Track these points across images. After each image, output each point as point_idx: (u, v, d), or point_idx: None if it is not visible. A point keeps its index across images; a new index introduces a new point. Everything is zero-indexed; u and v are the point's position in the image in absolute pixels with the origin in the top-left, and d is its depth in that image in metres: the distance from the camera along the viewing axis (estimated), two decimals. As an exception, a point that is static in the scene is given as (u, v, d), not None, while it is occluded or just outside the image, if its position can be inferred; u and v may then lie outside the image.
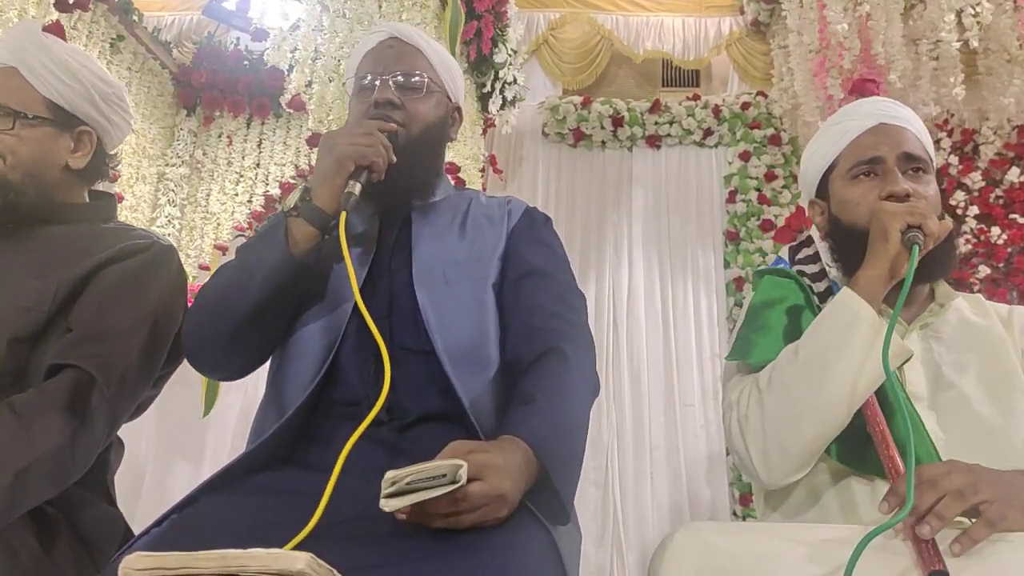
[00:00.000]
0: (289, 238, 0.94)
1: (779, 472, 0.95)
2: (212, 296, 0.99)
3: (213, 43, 4.24)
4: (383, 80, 1.07)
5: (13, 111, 1.12)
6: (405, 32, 1.13)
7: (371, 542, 0.72)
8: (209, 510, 0.81)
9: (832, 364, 0.92)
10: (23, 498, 0.92)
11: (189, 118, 4.23)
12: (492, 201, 1.17)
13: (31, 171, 1.13)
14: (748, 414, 0.97)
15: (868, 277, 0.97)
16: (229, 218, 4.11)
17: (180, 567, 0.61)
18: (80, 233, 1.15)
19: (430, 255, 1.04)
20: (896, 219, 0.95)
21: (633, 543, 3.68)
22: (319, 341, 0.96)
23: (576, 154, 4.42)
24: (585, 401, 0.94)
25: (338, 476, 0.81)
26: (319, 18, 2.97)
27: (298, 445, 0.94)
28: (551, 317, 0.98)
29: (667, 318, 4.07)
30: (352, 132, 0.98)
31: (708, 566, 0.72)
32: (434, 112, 1.11)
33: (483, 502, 0.72)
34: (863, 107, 1.15)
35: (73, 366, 0.99)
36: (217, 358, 1.01)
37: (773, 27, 4.23)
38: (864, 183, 1.08)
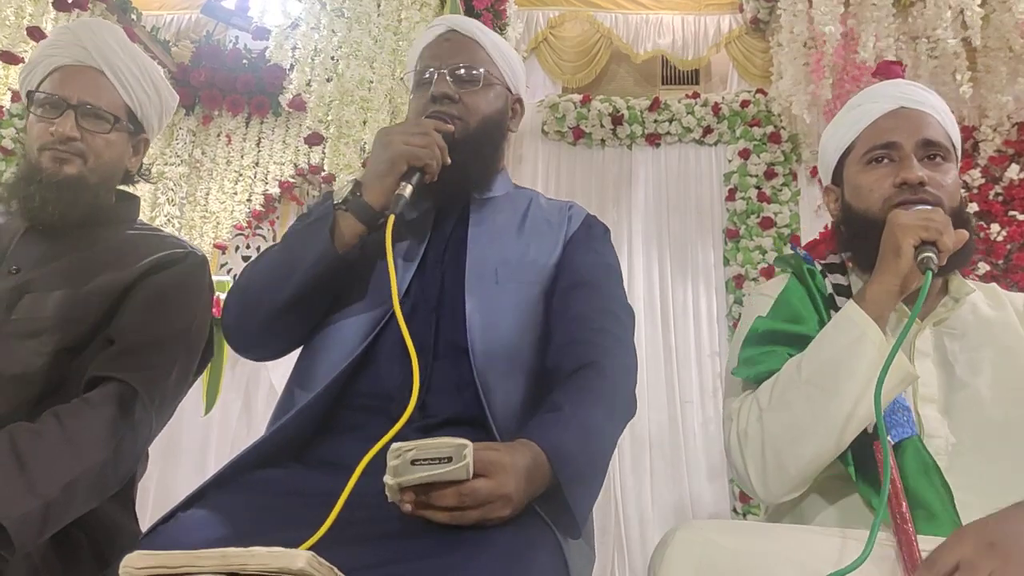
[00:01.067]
0: (335, 231, 0.94)
1: (776, 491, 0.92)
2: (255, 280, 0.99)
3: (212, 42, 4.23)
4: (440, 74, 1.06)
5: (112, 116, 1.13)
6: (462, 24, 1.11)
7: (377, 542, 0.72)
8: (218, 508, 0.81)
9: (834, 386, 0.88)
10: (68, 510, 0.92)
11: (188, 117, 4.23)
12: (552, 204, 1.16)
13: (107, 175, 1.15)
14: (748, 431, 0.94)
15: (877, 293, 0.92)
16: (228, 217, 4.10)
17: (181, 565, 0.61)
18: (115, 238, 1.16)
19: (484, 253, 1.02)
20: (910, 234, 0.90)
21: (634, 540, 3.69)
22: (355, 332, 0.96)
23: (576, 152, 4.41)
24: (615, 420, 0.92)
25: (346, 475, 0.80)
26: (318, 16, 2.97)
27: (315, 436, 0.93)
28: (597, 332, 0.97)
29: (667, 316, 4.07)
30: (408, 131, 0.97)
31: (709, 564, 0.72)
32: (493, 105, 1.10)
33: (487, 500, 0.72)
34: (884, 89, 1.09)
35: (116, 379, 1.00)
36: (255, 340, 1.01)
37: (772, 25, 4.23)
38: (879, 169, 1.03)
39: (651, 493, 3.76)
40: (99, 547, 1.03)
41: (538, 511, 0.82)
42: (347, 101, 3.06)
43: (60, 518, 0.91)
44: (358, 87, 3.07)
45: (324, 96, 3.05)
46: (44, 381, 1.00)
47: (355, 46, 3.00)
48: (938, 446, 0.91)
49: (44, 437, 0.92)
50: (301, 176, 4.19)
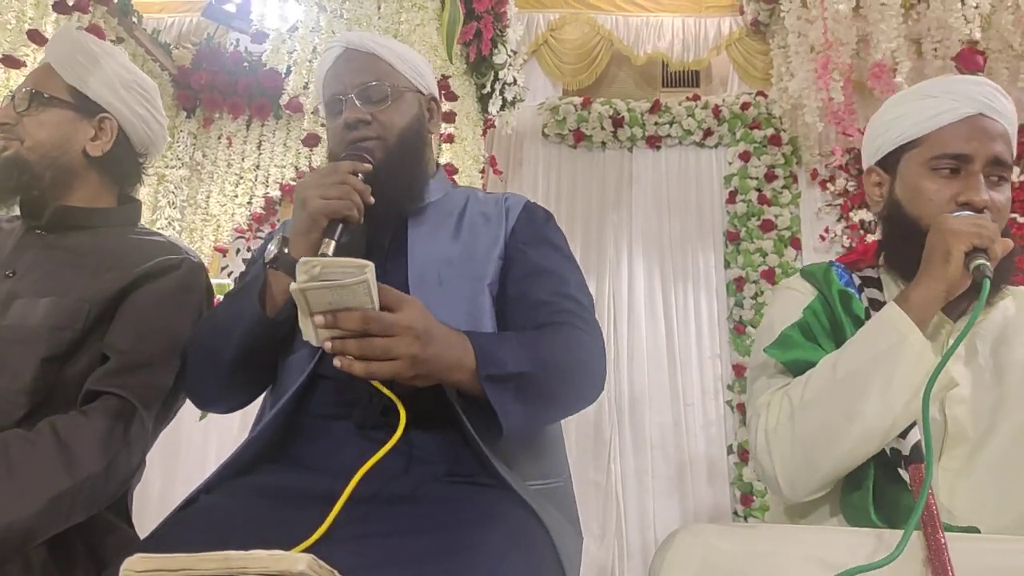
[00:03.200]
0: (267, 293, 0.94)
1: (802, 490, 0.91)
2: (200, 343, 1.01)
3: (212, 45, 4.23)
4: (348, 98, 1.05)
5: (31, 92, 1.14)
6: (356, 41, 1.10)
7: (370, 543, 0.72)
8: (210, 511, 0.82)
9: (871, 389, 0.86)
10: (54, 523, 0.91)
11: (188, 120, 4.23)
12: (489, 198, 1.14)
13: (48, 153, 1.13)
14: (778, 428, 0.92)
15: (921, 297, 0.89)
16: (229, 220, 4.11)
17: (182, 568, 0.61)
18: (108, 242, 1.14)
19: (424, 256, 1.02)
20: (962, 240, 0.87)
21: (634, 542, 3.68)
22: (303, 353, 0.97)
23: (576, 155, 4.42)
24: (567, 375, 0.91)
25: (336, 478, 0.81)
26: (317, 19, 2.97)
27: (290, 442, 0.95)
28: (559, 312, 0.97)
29: (668, 318, 4.07)
30: (323, 182, 0.94)
31: (710, 567, 0.72)
32: (407, 115, 1.09)
33: (391, 329, 0.75)
34: (967, 88, 1.00)
35: (114, 394, 1.00)
36: (212, 398, 1.04)
37: (773, 27, 4.24)
38: (943, 178, 0.97)
39: (652, 495, 3.76)
40: (94, 547, 1.02)
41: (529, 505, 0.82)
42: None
43: (46, 530, 0.90)
44: (358, 89, 3.07)
45: (324, 98, 3.05)
46: (33, 390, 0.99)
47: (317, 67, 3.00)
48: (962, 449, 0.91)
49: (37, 447, 0.91)
50: (301, 178, 4.19)
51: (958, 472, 0.90)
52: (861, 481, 0.90)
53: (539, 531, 0.82)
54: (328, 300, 0.72)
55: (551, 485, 0.98)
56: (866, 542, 0.72)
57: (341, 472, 0.78)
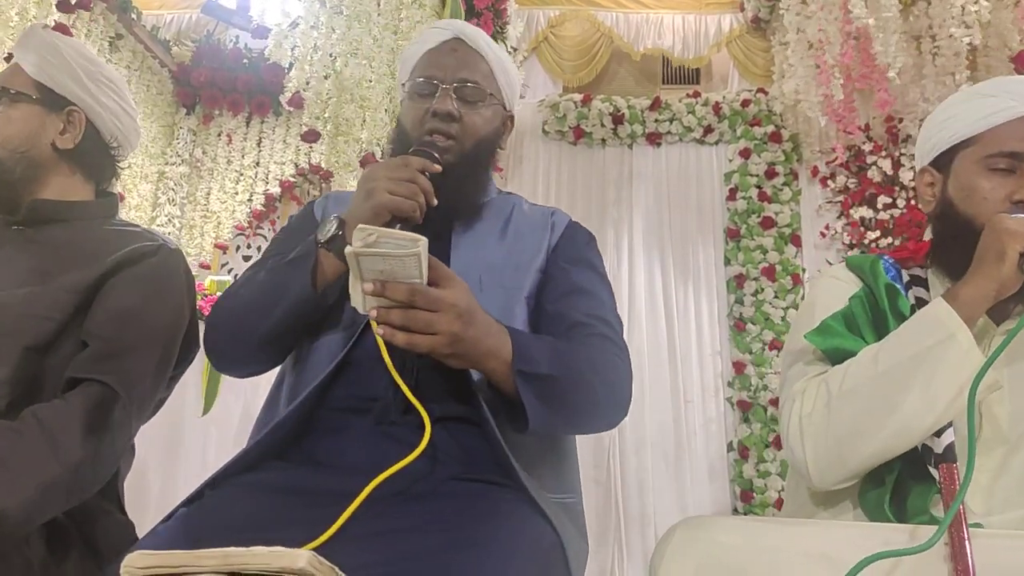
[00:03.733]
0: (318, 271, 0.93)
1: (831, 480, 0.90)
2: (235, 309, 0.99)
3: (212, 41, 4.23)
4: (443, 89, 1.04)
5: (3, 89, 1.16)
6: (470, 35, 1.09)
7: (377, 540, 0.72)
8: (216, 508, 0.81)
9: (913, 384, 0.85)
10: (44, 510, 0.92)
11: (188, 116, 4.23)
12: (535, 210, 1.15)
13: (18, 148, 1.15)
14: (813, 416, 0.91)
15: (971, 296, 0.88)
16: (229, 216, 4.10)
17: (182, 565, 0.61)
18: (85, 234, 1.15)
19: (468, 260, 1.02)
20: (1017, 240, 0.86)
21: (634, 540, 3.69)
22: (336, 340, 0.96)
23: (576, 152, 4.41)
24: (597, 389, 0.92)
25: (341, 472, 0.80)
26: (317, 15, 2.97)
27: (306, 436, 0.94)
28: (594, 333, 0.98)
29: (668, 315, 4.06)
30: (393, 175, 0.93)
31: (710, 561, 0.71)
32: (490, 124, 1.08)
33: (436, 304, 0.76)
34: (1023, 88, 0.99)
35: (95, 381, 1.00)
36: (240, 362, 1.02)
37: (773, 24, 4.23)
38: (998, 177, 0.96)
39: (652, 493, 3.76)
40: (89, 535, 1.03)
41: (537, 504, 0.82)
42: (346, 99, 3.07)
43: (37, 516, 0.91)
44: (357, 86, 3.07)
45: (322, 94, 3.05)
46: (15, 380, 0.99)
47: (354, 44, 3.00)
48: (997, 449, 0.90)
49: (23, 436, 0.92)
50: (302, 175, 4.19)
51: (989, 471, 0.89)
52: (884, 475, 0.90)
53: (551, 534, 0.81)
54: (380, 268, 0.75)
55: (566, 500, 0.98)
56: (868, 538, 0.72)
57: (356, 471, 0.78)
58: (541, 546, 0.78)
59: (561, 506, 0.92)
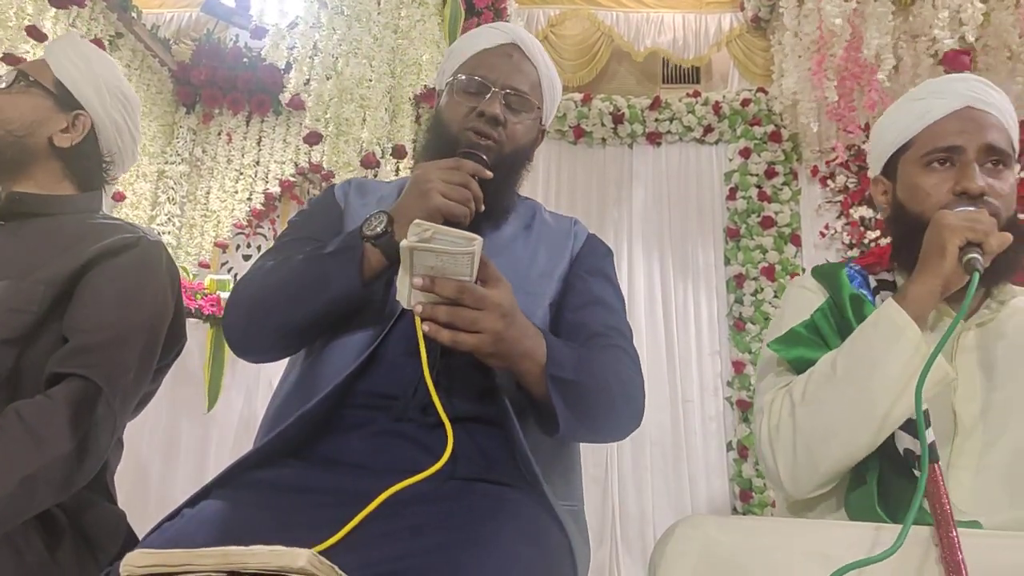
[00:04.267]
0: (364, 264, 0.92)
1: (805, 487, 0.92)
2: (266, 292, 0.96)
3: (212, 40, 4.23)
4: (494, 92, 1.03)
5: (16, 72, 1.18)
6: (527, 42, 1.09)
7: (380, 542, 0.72)
8: (221, 507, 0.80)
9: (869, 384, 0.87)
10: (28, 504, 0.92)
11: (188, 115, 4.23)
12: (557, 218, 1.16)
13: (14, 131, 1.16)
14: (779, 426, 0.93)
15: (918, 293, 0.90)
16: (229, 216, 4.10)
17: (181, 564, 0.61)
18: (65, 227, 1.14)
19: (496, 264, 1.02)
20: (956, 234, 0.88)
21: (633, 539, 3.69)
22: (362, 335, 0.95)
23: (576, 151, 4.41)
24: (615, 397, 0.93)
25: (352, 470, 0.80)
26: (317, 15, 2.97)
27: (315, 435, 0.93)
28: (612, 344, 0.99)
29: (667, 315, 4.07)
30: (447, 179, 0.93)
31: (709, 560, 0.72)
32: (529, 135, 1.08)
33: (482, 303, 0.77)
34: (951, 85, 1.03)
35: (77, 375, 0.99)
36: (261, 350, 1.00)
37: (773, 23, 4.23)
38: (938, 172, 0.99)
39: (651, 492, 3.76)
40: (78, 524, 1.03)
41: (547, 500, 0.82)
42: (346, 99, 3.06)
43: (21, 511, 0.91)
44: (357, 85, 3.07)
45: (323, 94, 3.05)
46: None
47: (354, 44, 3.00)
48: (971, 446, 0.91)
49: (4, 431, 0.92)
50: (302, 175, 4.19)
51: (968, 469, 0.90)
52: (864, 477, 0.91)
53: (559, 535, 0.82)
54: (431, 264, 0.75)
55: (572, 508, 0.98)
56: (867, 536, 0.72)
57: (368, 471, 0.77)
58: (549, 544, 0.78)
59: (569, 512, 0.92)
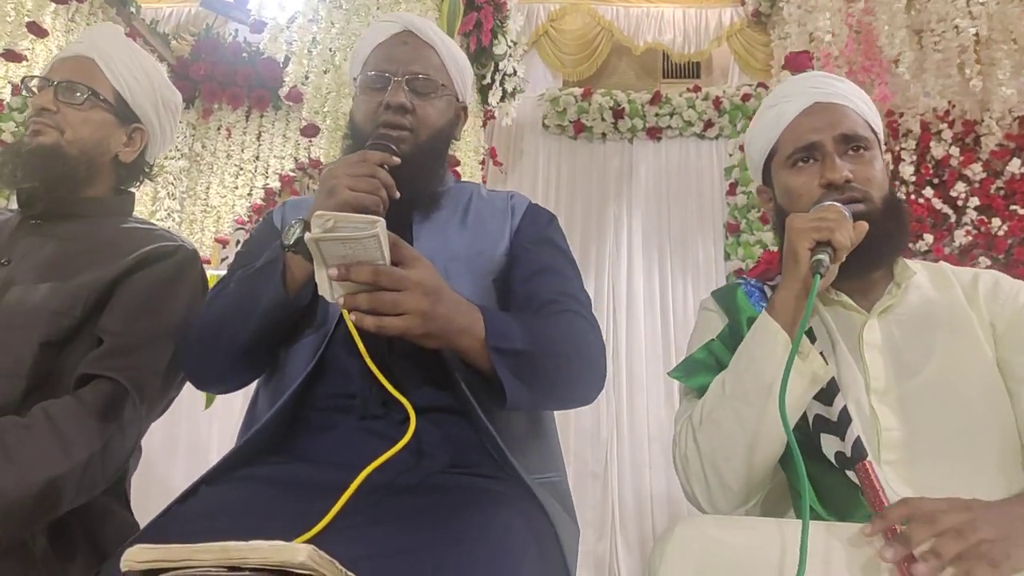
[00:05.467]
0: (287, 275, 0.93)
1: (724, 507, 0.92)
2: (209, 324, 0.98)
3: (211, 35, 4.22)
4: (395, 82, 1.04)
5: (89, 88, 1.16)
6: (419, 27, 1.09)
7: (374, 533, 0.72)
8: (210, 502, 0.81)
9: (753, 396, 0.89)
10: (52, 506, 0.92)
11: (188, 111, 4.22)
12: (494, 195, 1.15)
13: (88, 151, 1.16)
14: (687, 453, 0.94)
15: (783, 299, 0.92)
16: (229, 211, 4.10)
17: (181, 559, 0.61)
18: (104, 231, 1.16)
19: (431, 249, 1.00)
20: (803, 237, 0.90)
21: (632, 534, 3.69)
22: (311, 339, 0.97)
23: (576, 146, 4.40)
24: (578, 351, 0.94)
25: (337, 469, 0.80)
26: (316, 8, 2.96)
27: (293, 435, 0.94)
28: (564, 309, 0.99)
29: (667, 310, 4.07)
30: (353, 172, 0.93)
31: (709, 560, 0.72)
32: (444, 116, 1.08)
33: (401, 284, 0.76)
34: (796, 85, 1.08)
35: (107, 377, 1.00)
36: (215, 379, 1.02)
37: (774, 18, 4.22)
38: (805, 170, 1.02)
39: (650, 488, 3.77)
40: (94, 535, 1.03)
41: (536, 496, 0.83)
42: (345, 94, 3.05)
43: (47, 513, 0.91)
44: (357, 80, 3.06)
45: (321, 88, 3.04)
46: (31, 375, 0.99)
47: (353, 38, 2.99)
48: (895, 439, 0.90)
49: (32, 431, 0.92)
50: (301, 170, 4.18)
51: (900, 462, 0.89)
52: (795, 485, 0.90)
53: (543, 519, 0.82)
54: (341, 253, 0.75)
55: (551, 479, 0.99)
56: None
57: (347, 465, 0.78)
58: (534, 534, 0.78)
59: (548, 486, 0.93)
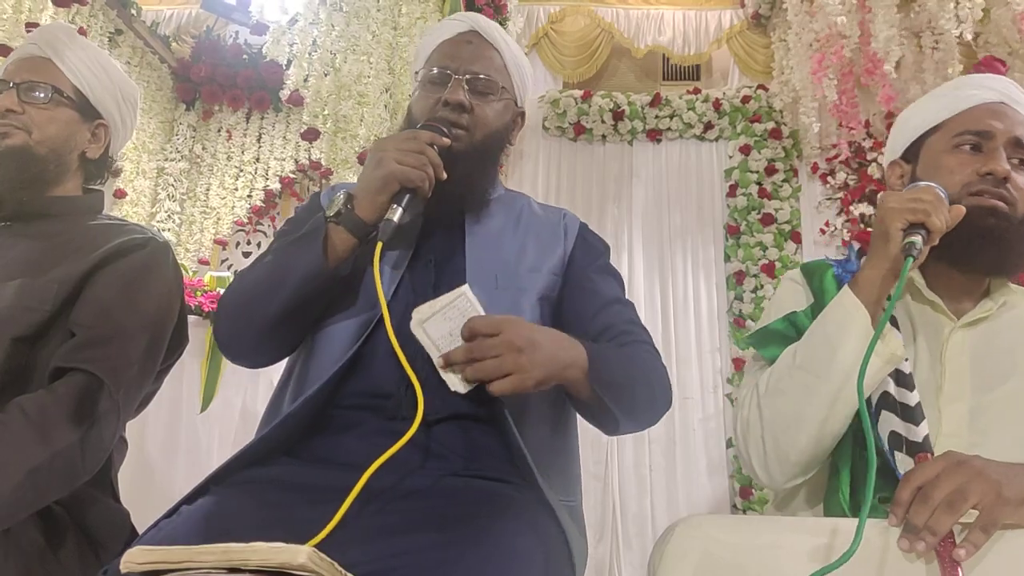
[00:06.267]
0: (328, 244, 0.93)
1: (779, 477, 0.93)
2: (246, 292, 0.98)
3: (212, 37, 4.22)
4: (456, 79, 1.03)
5: (51, 86, 1.16)
6: (485, 27, 1.09)
7: (379, 538, 0.72)
8: (219, 504, 0.81)
9: (825, 370, 0.89)
10: (33, 498, 0.92)
11: (188, 112, 4.22)
12: (547, 211, 1.16)
13: (56, 150, 1.16)
14: (749, 419, 0.95)
15: (868, 277, 0.91)
16: (229, 213, 4.10)
17: (182, 560, 0.61)
18: (75, 228, 1.16)
19: (482, 258, 1.02)
20: (897, 217, 0.88)
21: (633, 537, 3.69)
22: (346, 335, 0.96)
23: (576, 148, 4.41)
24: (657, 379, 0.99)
25: (349, 470, 0.80)
26: (316, 11, 2.96)
27: (309, 435, 0.93)
28: (636, 343, 1.02)
29: (667, 312, 4.06)
30: (403, 147, 0.94)
31: (709, 560, 0.72)
32: (501, 118, 1.08)
33: (493, 351, 0.79)
34: (989, 81, 1.05)
35: (80, 370, 1.00)
36: (249, 350, 1.01)
37: (774, 20, 4.22)
38: (965, 155, 0.99)
39: (651, 489, 3.77)
40: (82, 522, 1.04)
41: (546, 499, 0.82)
42: (344, 96, 3.06)
43: (28, 504, 0.91)
44: (356, 82, 3.07)
45: (321, 91, 3.04)
46: (3, 371, 0.99)
47: (353, 41, 3.00)
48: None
49: (8, 425, 0.92)
50: (301, 171, 4.18)
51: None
52: (838, 469, 0.91)
53: (556, 529, 0.82)
54: (448, 330, 0.82)
55: (570, 503, 0.99)
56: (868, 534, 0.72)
57: (361, 467, 0.78)
58: (546, 541, 0.78)
59: (566, 507, 0.92)
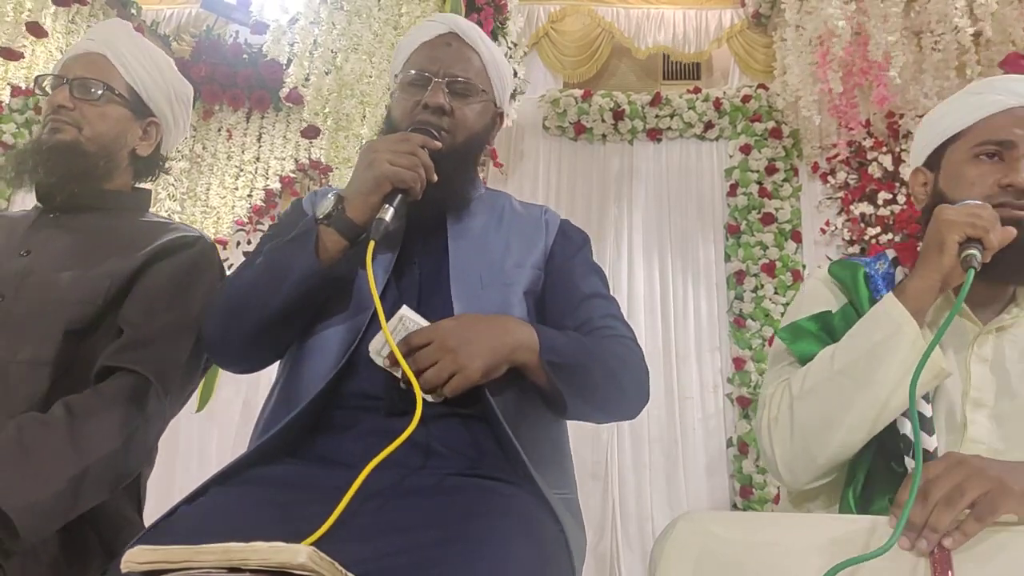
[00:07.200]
0: (319, 245, 0.93)
1: (803, 478, 0.93)
2: (237, 294, 0.98)
3: (212, 36, 4.21)
4: (436, 82, 1.04)
5: (104, 83, 1.17)
6: (465, 29, 1.10)
7: (378, 536, 0.72)
8: (219, 503, 0.81)
9: (867, 379, 0.88)
10: (77, 502, 0.91)
11: (188, 112, 4.22)
12: (528, 208, 1.17)
13: (107, 145, 1.17)
14: (779, 417, 0.94)
15: (917, 288, 0.90)
16: (229, 212, 4.10)
17: (182, 560, 0.61)
18: (124, 223, 1.17)
19: (467, 257, 1.03)
20: (955, 229, 0.87)
21: (633, 535, 3.69)
22: (340, 336, 0.96)
23: (577, 147, 4.40)
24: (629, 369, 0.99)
25: (348, 470, 0.81)
26: (317, 10, 2.96)
27: (309, 436, 0.94)
28: (614, 336, 1.03)
29: (667, 311, 4.06)
30: (395, 148, 0.95)
31: (709, 556, 0.72)
32: (481, 120, 1.09)
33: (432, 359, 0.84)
34: (1011, 84, 1.02)
35: (128, 369, 1.00)
36: (239, 354, 1.01)
37: (774, 19, 4.22)
38: (985, 164, 0.98)
39: (650, 488, 3.77)
40: (108, 542, 1.02)
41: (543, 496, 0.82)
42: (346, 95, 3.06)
43: (69, 510, 0.90)
44: (357, 81, 3.06)
45: (322, 89, 3.04)
46: (56, 363, 0.99)
47: (354, 40, 2.99)
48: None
49: (52, 428, 0.91)
50: (302, 171, 4.18)
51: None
52: (856, 471, 0.92)
53: (554, 528, 0.82)
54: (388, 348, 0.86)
55: (566, 496, 0.99)
56: (865, 530, 0.72)
57: (361, 466, 0.78)
58: (545, 538, 0.78)
59: (562, 501, 0.93)
